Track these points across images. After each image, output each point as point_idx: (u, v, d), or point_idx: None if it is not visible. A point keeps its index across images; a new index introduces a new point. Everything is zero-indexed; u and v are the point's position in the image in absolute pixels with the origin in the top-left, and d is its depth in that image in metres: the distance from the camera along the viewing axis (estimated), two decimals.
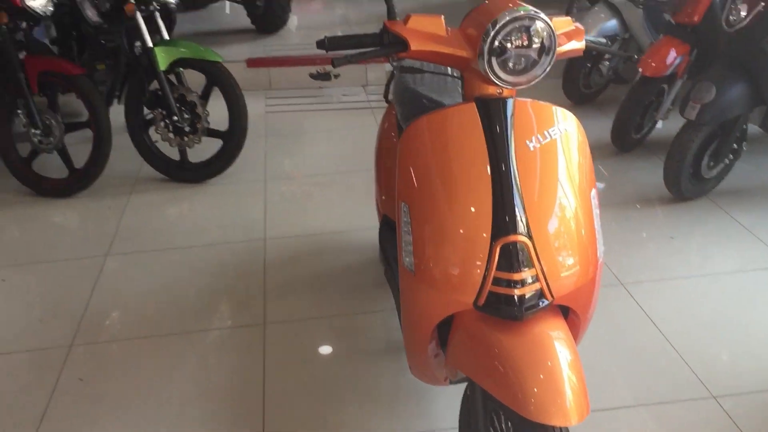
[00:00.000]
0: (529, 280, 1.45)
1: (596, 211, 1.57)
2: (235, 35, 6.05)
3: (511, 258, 1.44)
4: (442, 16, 1.53)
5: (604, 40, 1.71)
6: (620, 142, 3.79)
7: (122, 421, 2.17)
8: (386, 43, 1.54)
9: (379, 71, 5.07)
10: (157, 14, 3.57)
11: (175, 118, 3.55)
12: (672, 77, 3.55)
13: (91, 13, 3.59)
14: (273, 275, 2.87)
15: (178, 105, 3.55)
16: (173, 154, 3.74)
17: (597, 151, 3.87)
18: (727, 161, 3.21)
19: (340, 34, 1.46)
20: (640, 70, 3.50)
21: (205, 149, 3.69)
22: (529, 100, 1.56)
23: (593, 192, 1.57)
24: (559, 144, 1.52)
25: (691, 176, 3.19)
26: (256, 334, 2.53)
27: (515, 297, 1.44)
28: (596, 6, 4.31)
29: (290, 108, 4.83)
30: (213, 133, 3.65)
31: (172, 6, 3.70)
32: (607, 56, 4.33)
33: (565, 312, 1.61)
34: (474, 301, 1.47)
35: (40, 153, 3.63)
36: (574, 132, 1.56)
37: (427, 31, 1.52)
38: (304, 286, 2.80)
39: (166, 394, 2.27)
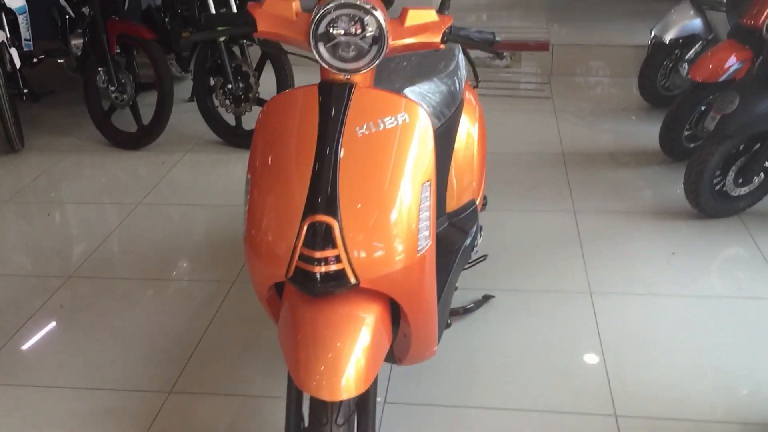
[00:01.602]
0: (331, 260, 1.50)
1: (425, 204, 1.58)
2: None
3: (316, 236, 1.50)
4: (296, 1, 1.61)
5: (478, 34, 1.68)
6: (669, 150, 3.56)
7: (76, 346, 2.46)
8: (247, 22, 1.64)
9: None
10: None
11: (230, 86, 3.82)
12: (730, 84, 3.28)
13: None
14: None
15: (234, 74, 3.81)
16: (232, 120, 4.02)
17: (646, 156, 3.67)
18: (756, 180, 2.94)
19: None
20: (690, 75, 3.28)
21: None
22: (374, 88, 1.60)
23: (426, 185, 1.58)
24: (391, 134, 1.55)
25: (715, 193, 2.96)
26: (222, 289, 2.73)
27: (316, 274, 1.51)
28: (684, 2, 4.04)
29: None
30: (261, 103, 3.88)
31: None
32: (687, 56, 4.05)
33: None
34: (285, 273, 1.56)
35: (116, 108, 4.07)
36: (413, 125, 1.57)
37: (276, 13, 1.60)
38: None
39: (121, 331, 2.53)
